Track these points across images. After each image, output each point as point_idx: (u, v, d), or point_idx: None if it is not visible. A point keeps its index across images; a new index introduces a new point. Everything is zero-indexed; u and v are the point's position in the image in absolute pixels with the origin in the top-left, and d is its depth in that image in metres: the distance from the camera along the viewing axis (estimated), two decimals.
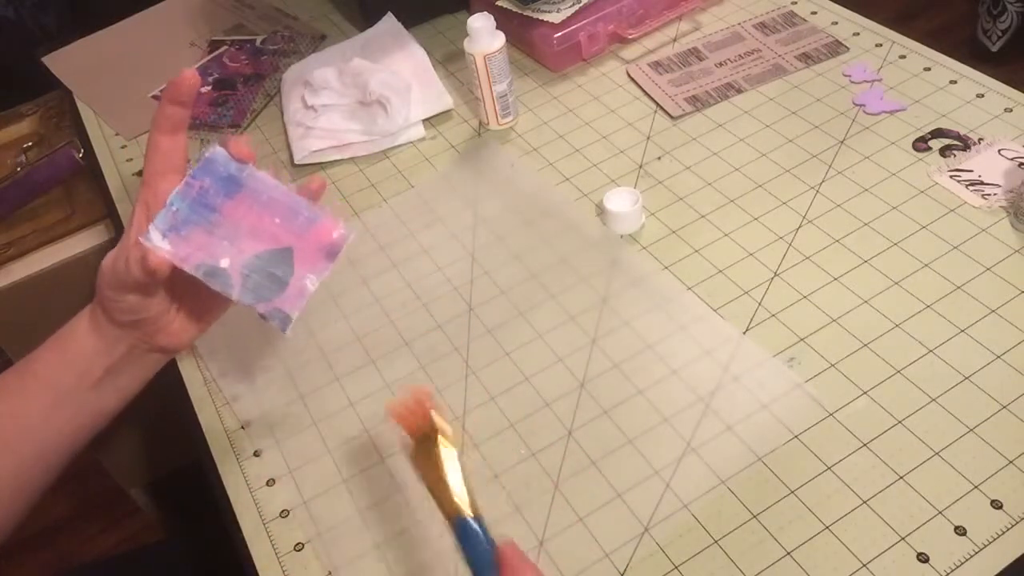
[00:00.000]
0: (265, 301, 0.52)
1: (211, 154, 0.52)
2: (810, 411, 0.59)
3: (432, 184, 0.83)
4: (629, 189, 0.75)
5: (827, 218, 0.71)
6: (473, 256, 0.75)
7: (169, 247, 0.50)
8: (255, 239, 0.52)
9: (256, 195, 0.52)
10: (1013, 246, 0.66)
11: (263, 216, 0.53)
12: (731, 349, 0.63)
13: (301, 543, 0.58)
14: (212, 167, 0.52)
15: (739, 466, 0.56)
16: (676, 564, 0.53)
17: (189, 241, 0.51)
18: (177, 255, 0.50)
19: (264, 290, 0.52)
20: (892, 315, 0.63)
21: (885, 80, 0.82)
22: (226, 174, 0.52)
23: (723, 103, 0.84)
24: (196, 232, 0.51)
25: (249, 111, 0.98)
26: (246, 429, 0.66)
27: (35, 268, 0.96)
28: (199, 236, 0.51)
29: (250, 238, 0.52)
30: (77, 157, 1.01)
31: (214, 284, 0.51)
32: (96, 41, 1.19)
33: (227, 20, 1.15)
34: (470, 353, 0.67)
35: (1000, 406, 0.57)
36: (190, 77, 0.53)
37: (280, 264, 0.53)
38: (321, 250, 0.53)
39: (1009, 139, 0.74)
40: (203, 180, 0.51)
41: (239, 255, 0.52)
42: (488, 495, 0.58)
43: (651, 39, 0.95)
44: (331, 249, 0.53)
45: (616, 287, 0.69)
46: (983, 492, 0.53)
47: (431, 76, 0.94)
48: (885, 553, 0.51)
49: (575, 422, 0.61)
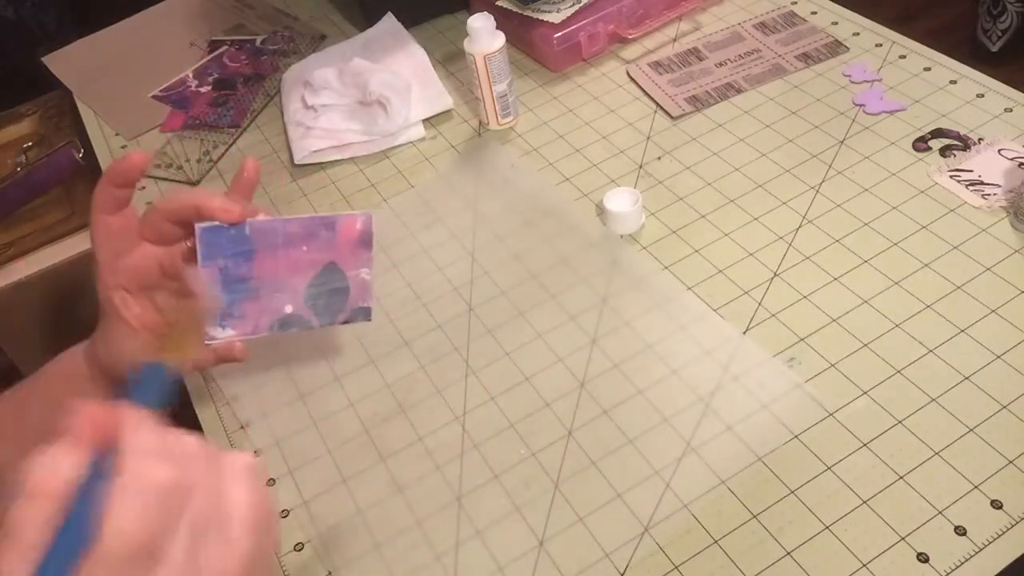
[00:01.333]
0: (341, 312, 0.55)
1: (202, 233, 0.50)
2: (810, 411, 0.59)
3: (432, 184, 0.83)
4: (629, 189, 0.75)
5: (827, 218, 0.71)
6: (473, 256, 0.75)
7: (233, 332, 0.51)
8: (298, 275, 0.53)
9: (272, 242, 0.52)
10: (1013, 246, 0.66)
11: (290, 254, 0.53)
12: (731, 349, 0.63)
13: (301, 543, 0.58)
14: (214, 245, 0.50)
15: (739, 466, 0.56)
16: (676, 564, 0.53)
17: (246, 316, 0.52)
18: (246, 331, 0.52)
19: (334, 305, 0.55)
20: (892, 315, 0.63)
21: (885, 80, 0.82)
22: (233, 243, 0.51)
23: (723, 103, 0.84)
24: (245, 305, 0.52)
25: (249, 111, 0.98)
26: (246, 429, 0.66)
27: (35, 268, 0.96)
28: (250, 307, 0.52)
29: (293, 276, 0.53)
30: (77, 157, 1.01)
31: (292, 329, 0.53)
32: (96, 41, 1.19)
33: (227, 20, 1.15)
34: (470, 353, 0.67)
35: (1000, 406, 0.57)
36: (139, 161, 0.50)
37: (333, 278, 0.55)
38: (355, 245, 0.55)
39: (1009, 139, 0.74)
40: (216, 263, 0.51)
41: (295, 295, 0.53)
42: (488, 495, 0.58)
43: (651, 39, 0.95)
44: (363, 239, 0.55)
45: (616, 287, 0.69)
46: (983, 492, 0.53)
47: (431, 76, 0.94)
48: (885, 553, 0.51)
49: (575, 422, 0.61)
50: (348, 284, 0.55)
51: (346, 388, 0.67)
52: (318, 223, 0.53)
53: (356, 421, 0.65)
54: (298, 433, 0.65)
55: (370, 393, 0.66)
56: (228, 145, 0.94)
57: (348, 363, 0.69)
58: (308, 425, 0.65)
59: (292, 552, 0.58)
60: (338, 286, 0.55)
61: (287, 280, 0.53)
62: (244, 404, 0.67)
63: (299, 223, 0.53)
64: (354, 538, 0.58)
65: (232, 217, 0.50)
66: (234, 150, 0.94)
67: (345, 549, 0.57)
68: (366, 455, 0.62)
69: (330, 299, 0.54)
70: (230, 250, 0.51)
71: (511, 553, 0.55)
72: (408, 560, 0.56)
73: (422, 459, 0.61)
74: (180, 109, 1.00)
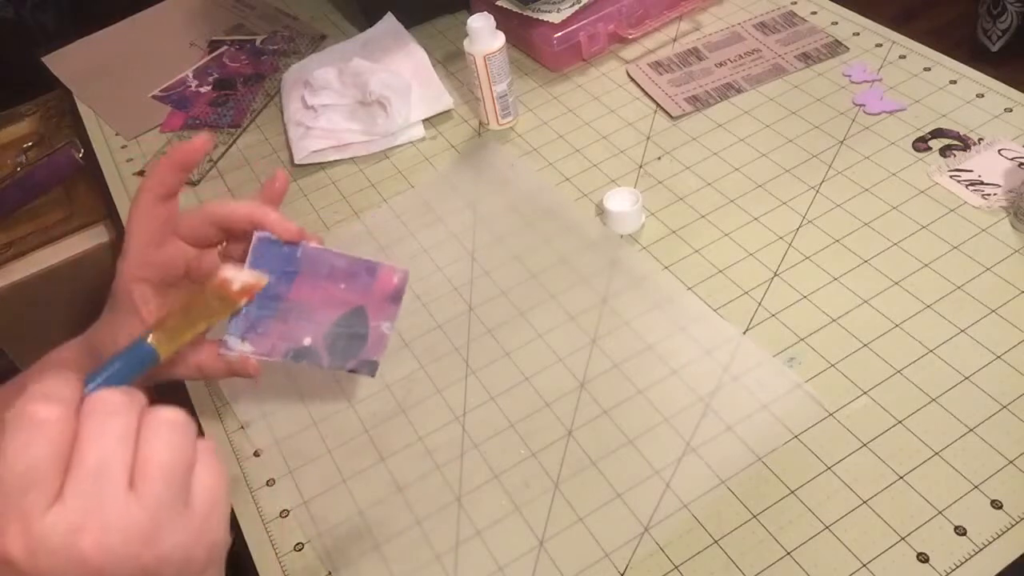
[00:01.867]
0: (353, 359, 0.55)
1: (258, 242, 0.50)
2: (810, 411, 0.59)
3: (432, 184, 0.83)
4: (629, 189, 0.75)
5: (827, 218, 0.71)
6: (473, 256, 0.75)
7: (251, 348, 0.51)
8: (328, 310, 0.53)
9: (316, 271, 0.52)
10: (1013, 246, 0.66)
11: (329, 288, 0.53)
12: (731, 349, 0.63)
13: (301, 543, 0.58)
14: (265, 257, 0.50)
15: (739, 466, 0.56)
16: (676, 564, 0.53)
17: (267, 336, 0.51)
18: (261, 352, 0.51)
19: (349, 350, 0.54)
20: (892, 315, 0.63)
21: (885, 80, 0.82)
22: (281, 260, 0.50)
23: (723, 103, 0.84)
24: (271, 324, 0.51)
25: (249, 111, 0.98)
26: (246, 429, 0.66)
27: (35, 268, 0.96)
28: (275, 327, 0.51)
29: (323, 311, 0.53)
30: (77, 157, 1.01)
31: (302, 362, 0.53)
32: (96, 41, 1.19)
33: (227, 20, 1.15)
34: (470, 353, 0.67)
35: (1000, 406, 0.57)
36: (203, 145, 0.49)
37: (358, 322, 0.54)
38: (387, 298, 0.55)
39: (1009, 139, 0.74)
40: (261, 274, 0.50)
41: (318, 329, 0.53)
42: (488, 495, 0.58)
43: (651, 39, 0.95)
44: (395, 295, 0.55)
45: (616, 287, 0.69)
46: (983, 492, 0.53)
47: (431, 76, 0.94)
48: (885, 553, 0.51)
49: (575, 422, 0.61)
50: (368, 333, 0.55)
51: (346, 388, 0.67)
52: (362, 266, 0.53)
53: (356, 421, 0.65)
54: (298, 433, 0.65)
55: (370, 393, 0.66)
56: (228, 145, 0.94)
57: None
58: (308, 425, 0.65)
59: (292, 552, 0.58)
60: (360, 332, 0.54)
61: (316, 311, 0.53)
62: (244, 404, 0.67)
63: (346, 260, 0.53)
64: (354, 538, 0.58)
65: (291, 235, 0.50)
66: (234, 150, 0.94)
67: (345, 549, 0.57)
68: (366, 455, 0.62)
69: (348, 343, 0.54)
70: (278, 267, 0.50)
71: (511, 553, 0.55)
72: (408, 560, 0.56)
73: (422, 459, 0.61)
74: (180, 109, 1.00)
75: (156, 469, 0.32)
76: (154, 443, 0.33)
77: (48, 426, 0.31)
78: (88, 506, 0.31)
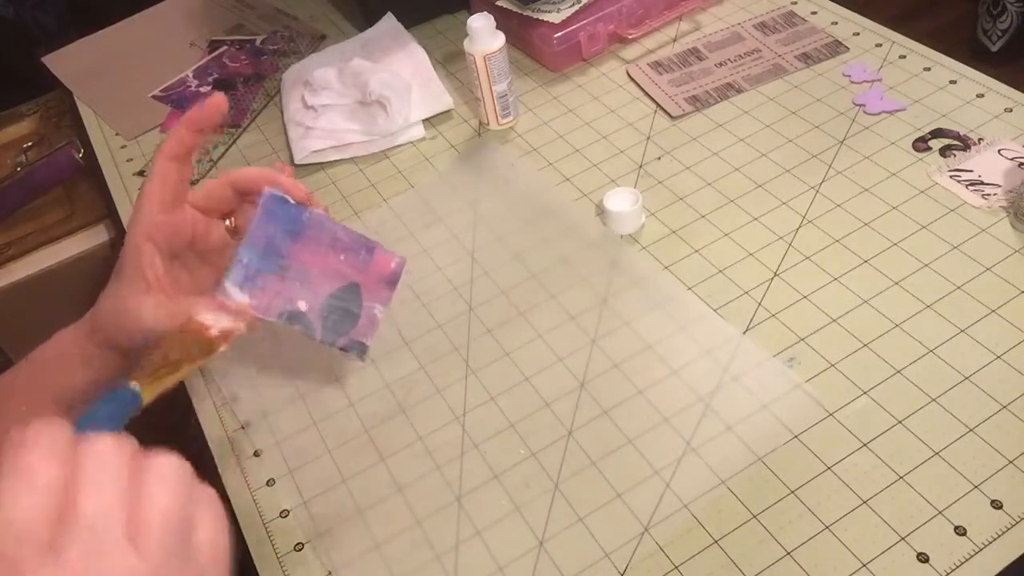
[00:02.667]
0: (344, 336, 0.55)
1: (268, 197, 0.51)
2: (810, 411, 0.59)
3: (432, 184, 0.83)
4: (629, 189, 0.75)
5: (827, 218, 0.71)
6: (473, 256, 0.75)
7: (248, 299, 0.51)
8: (326, 279, 0.54)
9: (319, 236, 0.53)
10: (1013, 246, 0.66)
11: (328, 256, 0.53)
12: (731, 349, 0.63)
13: (301, 543, 0.58)
14: (274, 213, 0.51)
15: (739, 466, 0.56)
16: (676, 564, 0.53)
17: (265, 290, 0.51)
18: (258, 307, 0.51)
19: (341, 326, 0.55)
20: (892, 315, 0.63)
21: (885, 80, 0.82)
22: (288, 219, 0.52)
23: (723, 103, 0.84)
24: (270, 280, 0.51)
25: (249, 111, 0.98)
26: (246, 429, 0.66)
27: (35, 268, 0.96)
28: (274, 283, 0.52)
29: (321, 278, 0.53)
30: (77, 157, 1.01)
31: (296, 328, 0.53)
32: (96, 41, 1.19)
33: (227, 20, 1.15)
34: (470, 353, 0.67)
35: (1000, 406, 0.57)
36: (221, 102, 0.51)
37: (351, 299, 0.55)
38: (382, 281, 0.56)
39: (1009, 139, 0.74)
40: (268, 228, 0.51)
41: (315, 297, 0.53)
42: (488, 495, 0.58)
43: (651, 39, 0.95)
44: (391, 278, 0.56)
45: (616, 287, 0.69)
46: (983, 492, 0.53)
47: (431, 76, 0.94)
48: (885, 553, 0.51)
49: (575, 422, 0.61)
50: (361, 312, 0.55)
51: (346, 388, 0.67)
52: (362, 242, 0.55)
53: (356, 421, 0.65)
54: (298, 433, 0.65)
55: (370, 393, 0.66)
56: (228, 145, 0.94)
57: (348, 363, 0.68)
58: (308, 425, 0.65)
59: (292, 552, 0.58)
60: (352, 310, 0.55)
61: (315, 278, 0.53)
62: (244, 404, 0.67)
63: (347, 233, 0.54)
64: (354, 538, 0.58)
65: (300, 193, 0.52)
66: (234, 150, 0.94)
67: (345, 549, 0.57)
68: (366, 455, 0.62)
69: (341, 318, 0.55)
70: (284, 223, 0.51)
71: (511, 553, 0.55)
72: (408, 560, 0.56)
73: (422, 459, 0.61)
74: (180, 109, 1.00)
75: (156, 519, 0.31)
76: (153, 492, 0.31)
77: (40, 476, 0.29)
78: (87, 560, 0.29)
